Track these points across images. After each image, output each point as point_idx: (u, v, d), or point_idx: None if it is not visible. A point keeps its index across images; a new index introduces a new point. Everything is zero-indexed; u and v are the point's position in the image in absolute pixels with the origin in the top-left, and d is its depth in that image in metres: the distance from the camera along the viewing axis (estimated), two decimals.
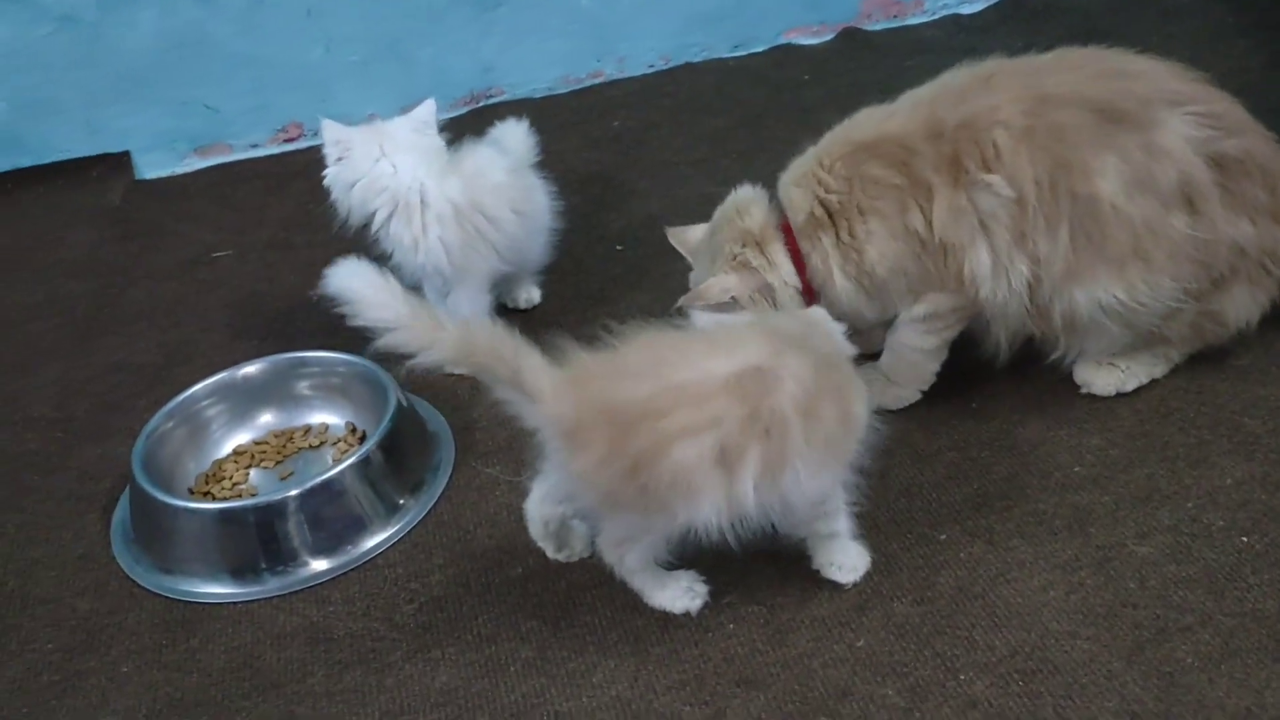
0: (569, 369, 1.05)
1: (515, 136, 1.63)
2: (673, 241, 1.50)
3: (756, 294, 1.36)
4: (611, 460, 1.01)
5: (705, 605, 1.18)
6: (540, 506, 1.21)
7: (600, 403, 1.02)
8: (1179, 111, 1.25)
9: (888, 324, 1.41)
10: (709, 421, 1.00)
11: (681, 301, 1.38)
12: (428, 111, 1.52)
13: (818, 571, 1.18)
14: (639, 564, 1.14)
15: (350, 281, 1.05)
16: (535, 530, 1.23)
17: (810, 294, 1.37)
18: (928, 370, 1.40)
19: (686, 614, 1.17)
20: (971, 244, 1.28)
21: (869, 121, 1.36)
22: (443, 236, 1.50)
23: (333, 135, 1.48)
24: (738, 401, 1.01)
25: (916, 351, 1.39)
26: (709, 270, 1.40)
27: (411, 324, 1.03)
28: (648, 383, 1.02)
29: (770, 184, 1.44)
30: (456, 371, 1.12)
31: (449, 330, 1.04)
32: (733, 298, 1.35)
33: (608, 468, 1.01)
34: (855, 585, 1.18)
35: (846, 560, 1.17)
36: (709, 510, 1.03)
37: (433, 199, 1.49)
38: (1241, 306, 1.33)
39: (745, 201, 1.40)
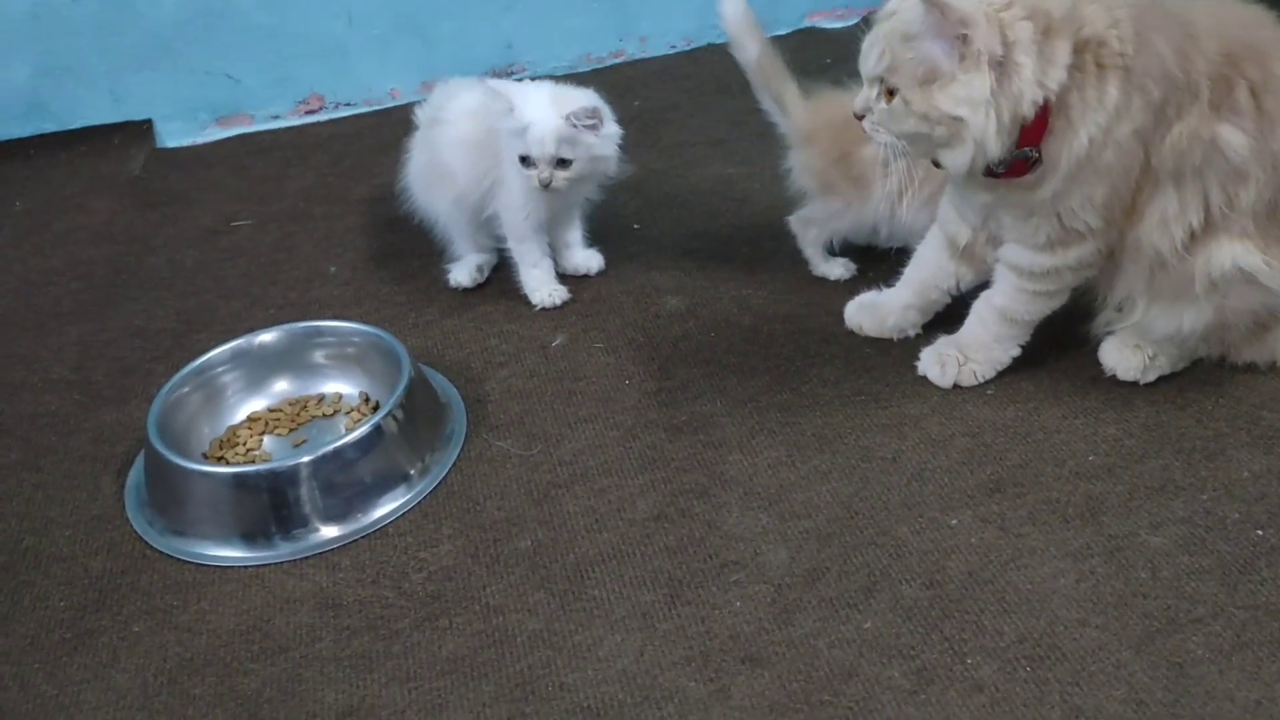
0: (809, 99, 1.59)
1: None
2: None
3: (986, 65, 1.09)
4: (829, 152, 1.55)
5: (711, 583, 1.19)
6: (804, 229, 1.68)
7: (824, 117, 1.55)
8: None
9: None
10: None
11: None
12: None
13: None
14: (817, 242, 1.66)
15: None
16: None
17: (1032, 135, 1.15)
18: (1008, 354, 1.39)
19: (839, 281, 1.65)
20: (1177, 183, 1.18)
21: None
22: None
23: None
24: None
25: (1011, 324, 1.36)
26: None
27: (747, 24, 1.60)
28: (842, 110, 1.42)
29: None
30: (750, 74, 1.62)
31: (760, 41, 1.59)
32: (964, 35, 1.08)
33: (827, 158, 1.56)
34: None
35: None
36: (879, 199, 1.54)
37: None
38: None
39: None
